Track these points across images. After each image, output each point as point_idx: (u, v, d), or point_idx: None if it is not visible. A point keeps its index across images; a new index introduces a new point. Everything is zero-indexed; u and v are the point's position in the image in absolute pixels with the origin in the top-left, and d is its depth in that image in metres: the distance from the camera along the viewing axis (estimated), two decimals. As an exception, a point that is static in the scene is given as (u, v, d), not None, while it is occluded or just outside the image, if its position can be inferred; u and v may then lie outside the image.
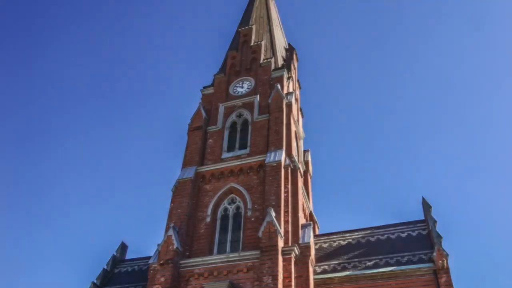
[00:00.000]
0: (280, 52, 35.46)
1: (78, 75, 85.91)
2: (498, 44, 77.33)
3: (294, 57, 36.31)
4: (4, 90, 79.82)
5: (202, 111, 30.44)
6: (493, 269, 62.25)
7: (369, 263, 23.05)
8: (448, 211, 60.00)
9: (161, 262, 23.00)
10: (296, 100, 34.46)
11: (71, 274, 67.02)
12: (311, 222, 25.28)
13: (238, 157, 27.38)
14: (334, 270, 23.23)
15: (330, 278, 22.70)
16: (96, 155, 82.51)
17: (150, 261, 24.05)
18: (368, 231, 25.66)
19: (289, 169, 25.47)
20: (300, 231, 23.43)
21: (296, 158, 26.78)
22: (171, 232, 23.89)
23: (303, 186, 27.35)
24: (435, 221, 23.75)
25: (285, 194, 24.30)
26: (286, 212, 23.67)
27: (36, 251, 73.59)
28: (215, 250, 24.24)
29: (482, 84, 78.27)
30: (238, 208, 25.52)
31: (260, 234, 22.32)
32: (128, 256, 31.68)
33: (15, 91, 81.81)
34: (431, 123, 78.08)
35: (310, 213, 29.67)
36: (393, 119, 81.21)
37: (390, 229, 25.36)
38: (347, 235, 25.85)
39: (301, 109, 36.12)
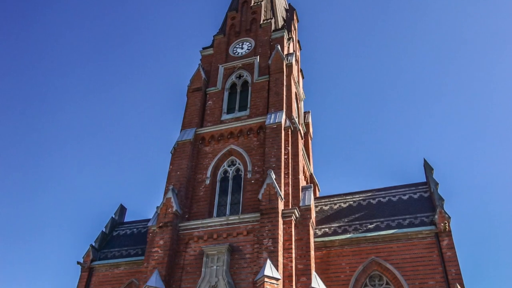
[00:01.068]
0: (280, 13, 34.27)
1: (78, 38, 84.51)
2: (501, 6, 75.65)
3: (295, 17, 35.19)
4: (4, 51, 78.63)
5: (202, 72, 29.44)
6: (495, 231, 61.75)
7: (370, 226, 22.33)
8: (450, 173, 59.25)
9: (160, 224, 22.25)
10: (297, 61, 33.52)
11: (70, 237, 66.75)
12: (312, 185, 24.47)
13: (238, 119, 26.48)
14: (335, 232, 22.55)
15: (331, 241, 22.03)
16: (95, 117, 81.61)
17: (149, 224, 23.38)
18: (369, 194, 24.88)
19: (290, 130, 24.53)
20: (300, 194, 22.56)
21: (296, 120, 25.82)
22: (170, 194, 23.11)
23: (303, 148, 26.46)
24: (437, 183, 23.03)
25: (285, 156, 23.43)
26: (286, 174, 22.84)
27: (35, 214, 73.19)
28: (214, 213, 23.48)
29: (485, 46, 76.89)
30: (238, 170, 24.70)
31: (260, 196, 21.51)
32: (127, 218, 31.10)
33: (14, 53, 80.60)
34: (433, 84, 76.92)
35: (311, 175, 28.94)
36: (395, 80, 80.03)
37: (392, 191, 24.56)
38: (348, 197, 25.09)
39: (301, 70, 35.14)
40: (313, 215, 22.42)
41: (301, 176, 23.94)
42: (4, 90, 76.93)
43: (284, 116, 24.94)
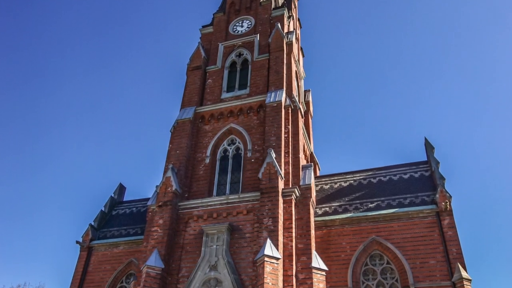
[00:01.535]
0: (281, -10, 33.61)
1: (78, 15, 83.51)
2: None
3: (295, -5, 34.50)
4: (4, 26, 77.77)
5: (201, 51, 28.77)
6: (496, 210, 61.27)
7: (370, 205, 21.90)
8: (452, 152, 58.69)
9: (160, 204, 21.78)
10: (297, 39, 32.90)
11: (69, 216, 66.34)
12: (312, 163, 23.98)
13: (237, 97, 25.89)
14: (335, 212, 22.13)
15: (331, 220, 21.61)
16: (94, 96, 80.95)
17: (149, 203, 22.96)
18: (370, 173, 24.40)
19: (290, 109, 23.97)
20: (300, 173, 22.02)
21: (296, 98, 25.27)
22: (169, 173, 22.63)
23: (303, 127, 25.88)
24: (438, 162, 22.57)
25: (286, 135, 22.89)
26: (286, 153, 22.30)
27: (34, 193, 72.75)
28: (214, 192, 22.98)
29: (487, 22, 75.90)
30: (237, 149, 24.18)
31: (260, 175, 21.03)
32: (126, 197, 30.65)
33: (13, 28, 79.66)
34: (434, 62, 76.11)
35: (311, 154, 28.44)
36: (395, 58, 79.21)
37: (392, 170, 24.07)
38: (348, 176, 24.62)
39: (301, 49, 34.46)
40: (314, 194, 21.95)
41: (301, 155, 23.41)
42: (3, 67, 76.16)
43: (284, 95, 24.37)
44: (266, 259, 17.99)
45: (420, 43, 77.81)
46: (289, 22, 30.34)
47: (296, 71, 28.76)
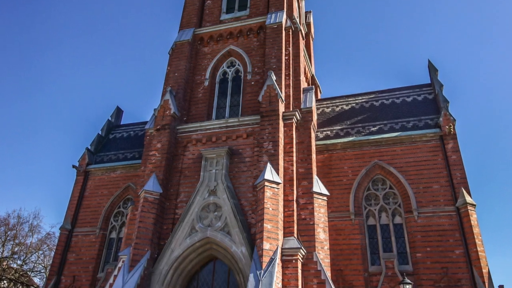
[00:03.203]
0: None
1: None
2: None
3: None
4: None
5: (200, -30, 26.43)
6: (501, 134, 59.51)
7: (373, 129, 20.23)
8: (456, 74, 56.37)
9: (158, 127, 20.10)
10: (298, -42, 30.44)
11: (65, 140, 64.59)
12: (313, 86, 22.13)
13: (237, 19, 23.68)
14: (336, 135, 20.50)
15: (333, 144, 19.99)
16: (91, 17, 77.84)
17: (146, 127, 21.32)
18: (372, 95, 22.56)
19: (290, 31, 21.86)
20: (301, 95, 20.17)
21: (297, 20, 23.09)
22: (168, 96, 20.81)
23: (304, 49, 23.85)
24: (441, 85, 20.79)
25: (286, 57, 20.88)
26: (287, 75, 20.40)
27: (29, 116, 70.67)
28: (213, 115, 21.21)
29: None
30: (237, 71, 22.27)
31: (260, 98, 19.19)
32: (124, 121, 28.95)
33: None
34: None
35: (312, 77, 26.56)
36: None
37: (395, 93, 22.19)
38: (350, 99, 22.80)
39: (302, -31, 32.03)
40: (315, 117, 20.21)
41: (302, 78, 21.49)
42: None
43: (285, 16, 22.20)
44: (266, 183, 16.51)
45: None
46: None
47: (297, -9, 26.53)
